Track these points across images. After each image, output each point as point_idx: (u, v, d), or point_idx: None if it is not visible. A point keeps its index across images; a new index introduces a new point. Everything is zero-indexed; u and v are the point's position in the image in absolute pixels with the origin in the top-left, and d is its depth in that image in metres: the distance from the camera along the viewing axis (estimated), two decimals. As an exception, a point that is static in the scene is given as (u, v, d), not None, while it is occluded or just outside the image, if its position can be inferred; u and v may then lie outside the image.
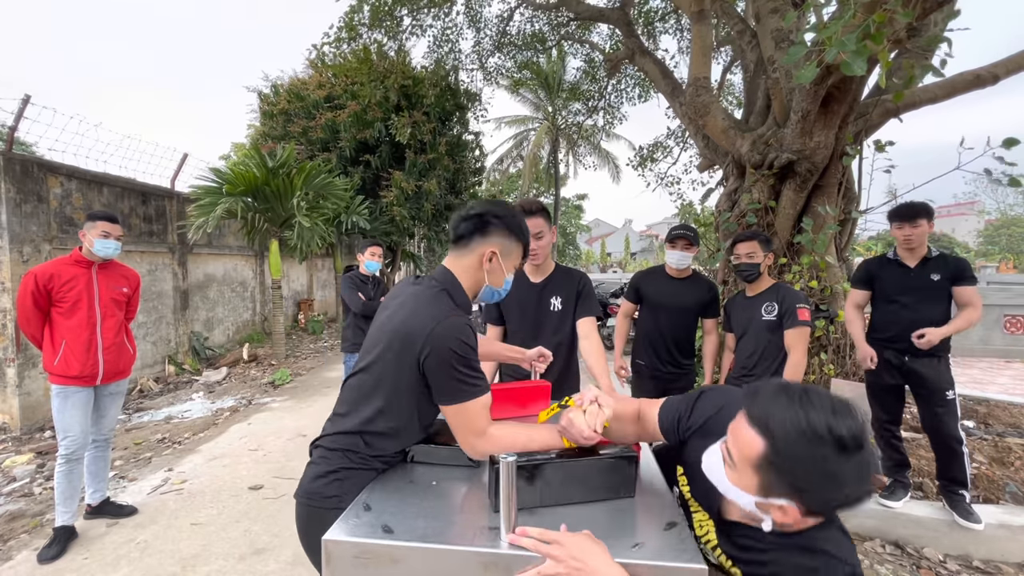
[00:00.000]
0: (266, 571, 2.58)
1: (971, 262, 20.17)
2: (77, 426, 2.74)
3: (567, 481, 1.07)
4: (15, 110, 4.99)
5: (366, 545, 0.91)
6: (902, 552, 2.68)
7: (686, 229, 2.88)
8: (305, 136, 10.89)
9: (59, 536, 2.74)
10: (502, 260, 1.36)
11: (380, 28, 7.51)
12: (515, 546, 0.89)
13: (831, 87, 3.39)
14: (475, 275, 1.35)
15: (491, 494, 1.05)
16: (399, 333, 1.21)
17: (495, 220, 1.34)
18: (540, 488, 1.04)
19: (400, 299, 1.31)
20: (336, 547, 0.92)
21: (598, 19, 7.13)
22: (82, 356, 2.74)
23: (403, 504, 1.05)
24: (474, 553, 0.89)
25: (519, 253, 1.42)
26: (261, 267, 9.70)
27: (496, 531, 0.95)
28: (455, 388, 1.17)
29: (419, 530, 0.94)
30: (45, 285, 2.68)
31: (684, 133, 9.14)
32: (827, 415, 0.78)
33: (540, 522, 0.97)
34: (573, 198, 32.24)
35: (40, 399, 4.94)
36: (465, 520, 1.01)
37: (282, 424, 4.98)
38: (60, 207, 5.33)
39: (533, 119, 23.75)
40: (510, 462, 0.91)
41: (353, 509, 1.03)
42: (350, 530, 0.94)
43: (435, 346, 1.15)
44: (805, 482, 0.79)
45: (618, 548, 0.90)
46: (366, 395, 1.25)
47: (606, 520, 1.01)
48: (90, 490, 3.02)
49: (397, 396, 1.22)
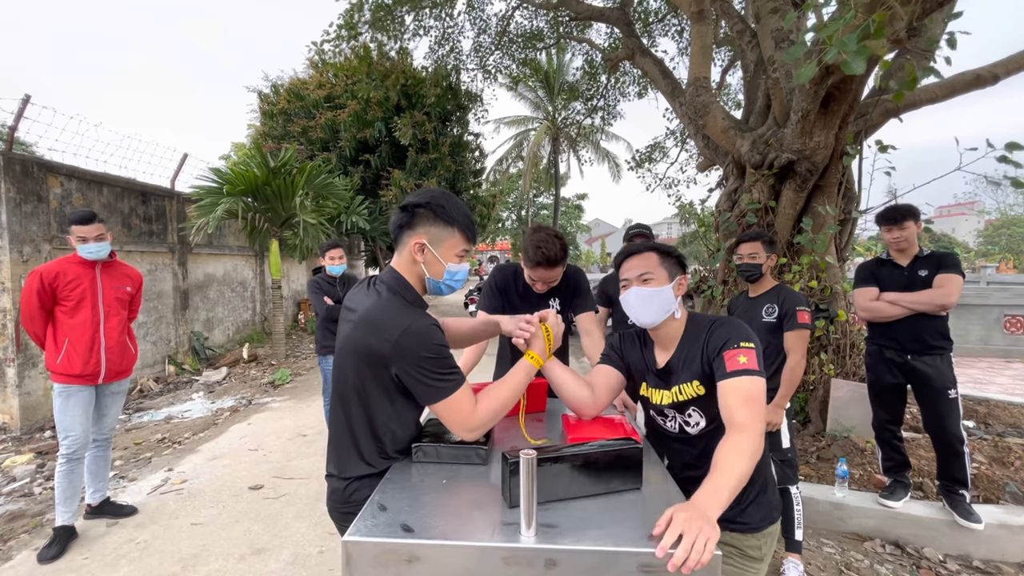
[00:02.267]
0: (266, 571, 2.58)
1: (971, 262, 20.23)
2: (79, 426, 2.74)
3: (576, 475, 1.08)
4: (15, 110, 5.00)
5: (387, 545, 0.92)
6: (902, 552, 2.68)
7: (641, 227, 2.94)
8: (305, 136, 10.90)
9: (59, 536, 2.73)
10: (434, 249, 1.30)
11: (381, 28, 7.51)
12: (540, 541, 0.92)
13: (831, 87, 3.39)
14: (413, 269, 1.32)
15: (504, 490, 1.06)
16: (365, 357, 1.23)
17: (419, 209, 1.30)
18: (550, 483, 1.05)
19: (358, 313, 1.27)
20: (356, 548, 0.92)
21: (598, 19, 7.13)
22: (85, 355, 2.74)
23: (417, 503, 1.07)
24: (495, 549, 0.91)
25: (459, 239, 1.32)
26: (261, 267, 9.70)
27: (513, 526, 0.95)
28: (435, 388, 1.20)
29: (437, 528, 0.96)
30: (51, 283, 2.68)
31: (683, 134, 9.15)
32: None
33: (552, 517, 0.99)
34: (573, 198, 32.28)
35: (40, 399, 4.94)
36: (481, 517, 1.02)
37: (282, 424, 4.98)
38: (60, 207, 5.33)
39: (533, 119, 23.76)
40: (531, 458, 0.92)
41: (369, 510, 1.03)
42: (369, 530, 0.95)
43: (404, 360, 1.18)
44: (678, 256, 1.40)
45: (635, 539, 0.92)
46: (363, 429, 1.27)
47: (618, 512, 1.03)
48: (90, 490, 3.02)
49: (392, 417, 1.28)
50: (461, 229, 1.33)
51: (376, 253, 13.14)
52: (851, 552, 2.66)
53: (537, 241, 1.99)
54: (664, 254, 1.39)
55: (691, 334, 1.35)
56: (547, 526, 0.96)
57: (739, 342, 1.24)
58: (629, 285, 1.37)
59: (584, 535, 0.94)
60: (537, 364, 1.39)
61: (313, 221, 7.44)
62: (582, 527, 0.97)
